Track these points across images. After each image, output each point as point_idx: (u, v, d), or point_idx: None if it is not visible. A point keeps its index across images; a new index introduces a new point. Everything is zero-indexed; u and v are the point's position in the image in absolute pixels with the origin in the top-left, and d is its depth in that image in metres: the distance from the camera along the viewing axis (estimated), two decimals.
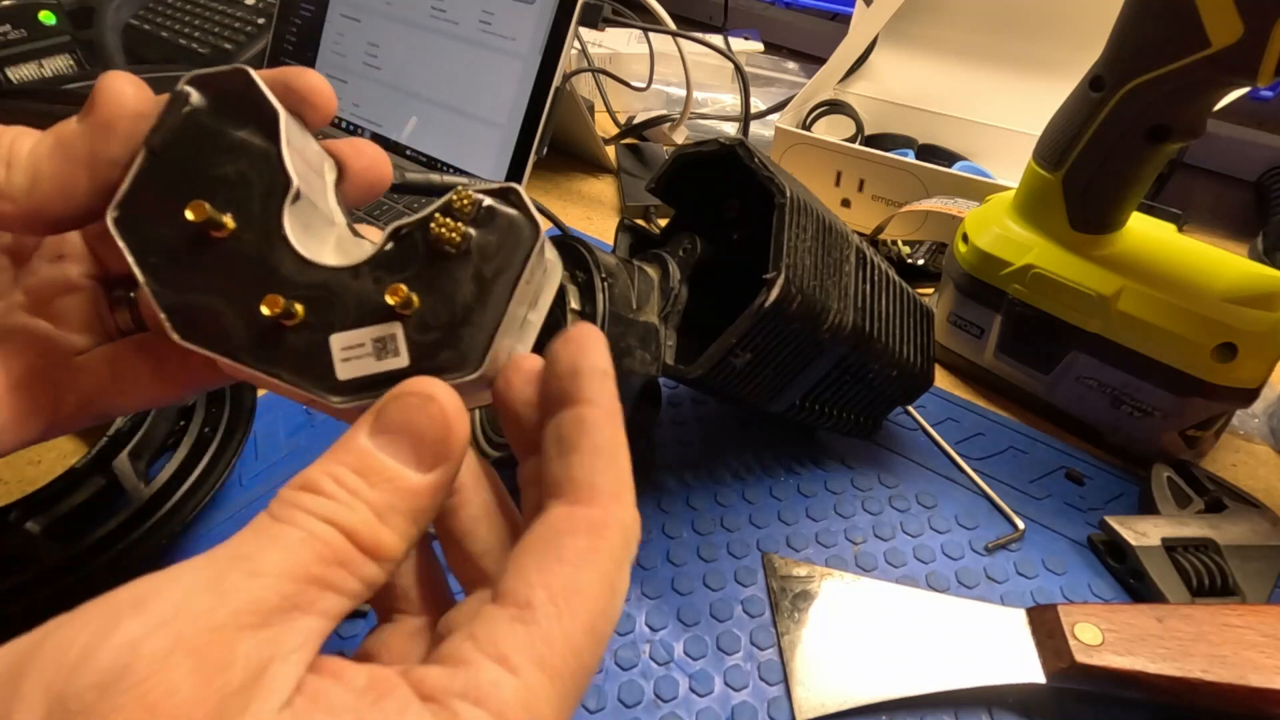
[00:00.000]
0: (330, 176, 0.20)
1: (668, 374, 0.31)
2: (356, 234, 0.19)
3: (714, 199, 0.37)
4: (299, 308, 0.17)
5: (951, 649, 0.30)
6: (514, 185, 0.18)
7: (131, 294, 0.22)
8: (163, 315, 0.17)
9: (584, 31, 0.64)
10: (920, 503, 0.38)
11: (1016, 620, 0.30)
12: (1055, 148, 0.38)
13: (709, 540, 0.35)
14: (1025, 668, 0.29)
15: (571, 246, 0.32)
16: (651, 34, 0.68)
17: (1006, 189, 0.47)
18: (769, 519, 0.37)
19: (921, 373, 0.37)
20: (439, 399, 0.16)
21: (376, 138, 0.64)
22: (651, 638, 0.31)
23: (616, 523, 0.16)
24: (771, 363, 0.32)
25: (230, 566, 0.14)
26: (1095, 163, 0.37)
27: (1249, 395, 0.37)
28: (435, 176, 0.28)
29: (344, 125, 0.66)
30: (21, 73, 0.69)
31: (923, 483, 0.39)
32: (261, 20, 0.75)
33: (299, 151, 0.18)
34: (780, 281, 0.29)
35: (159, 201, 0.17)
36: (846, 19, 0.73)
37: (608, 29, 0.59)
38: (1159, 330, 0.36)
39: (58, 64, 0.72)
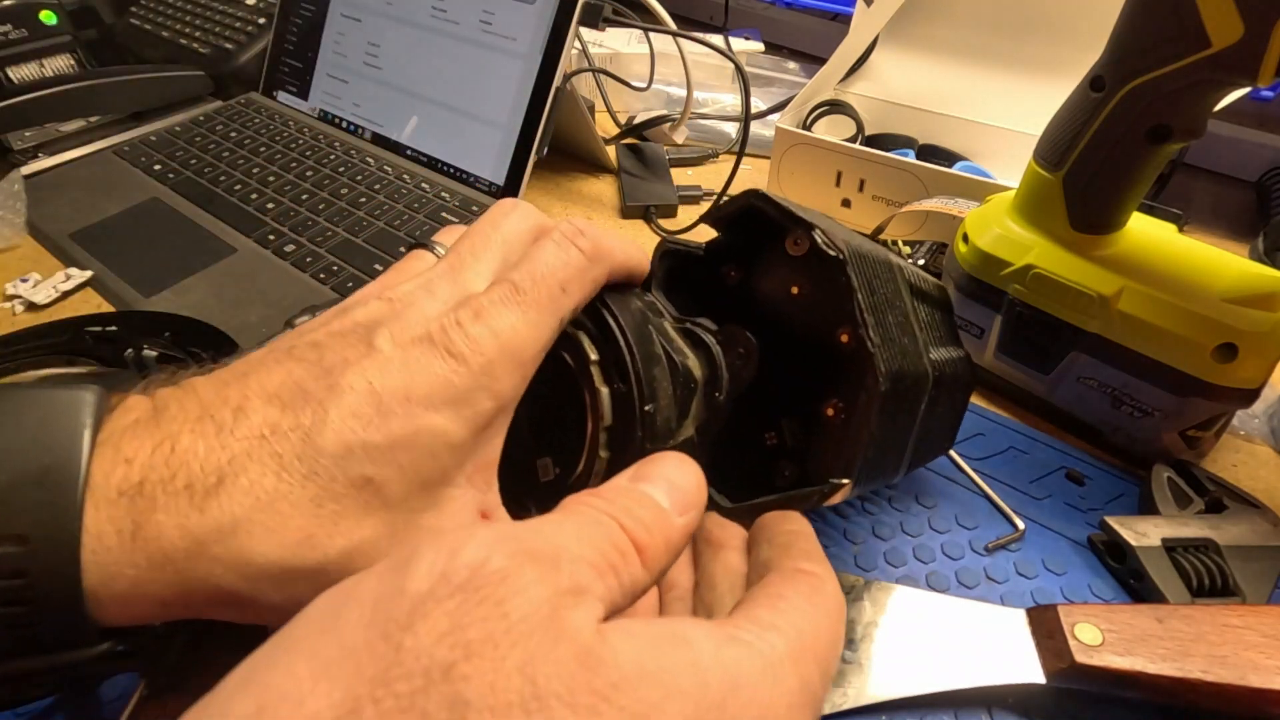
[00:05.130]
0: None
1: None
2: None
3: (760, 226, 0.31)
4: None
5: (951, 649, 0.30)
6: None
7: None
8: None
9: (584, 31, 0.64)
10: (920, 503, 0.38)
11: (1016, 620, 0.30)
12: (1055, 148, 0.38)
13: None
14: (1025, 668, 0.29)
15: (616, 348, 0.25)
16: (652, 34, 0.68)
17: (1007, 189, 0.47)
18: None
19: (966, 369, 0.34)
20: (692, 460, 0.21)
21: (377, 138, 0.64)
22: None
23: (833, 582, 0.21)
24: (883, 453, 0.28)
25: (527, 528, 0.17)
26: (1095, 163, 0.37)
27: (1249, 395, 0.37)
28: None
29: (344, 125, 0.66)
30: (22, 73, 0.69)
31: (923, 483, 0.39)
32: (262, 20, 0.75)
33: None
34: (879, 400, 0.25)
35: None
36: (847, 19, 0.73)
37: (608, 29, 0.59)
38: (1159, 330, 0.36)
39: (59, 64, 0.72)
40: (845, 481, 0.26)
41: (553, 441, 0.26)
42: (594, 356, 0.24)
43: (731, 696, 0.15)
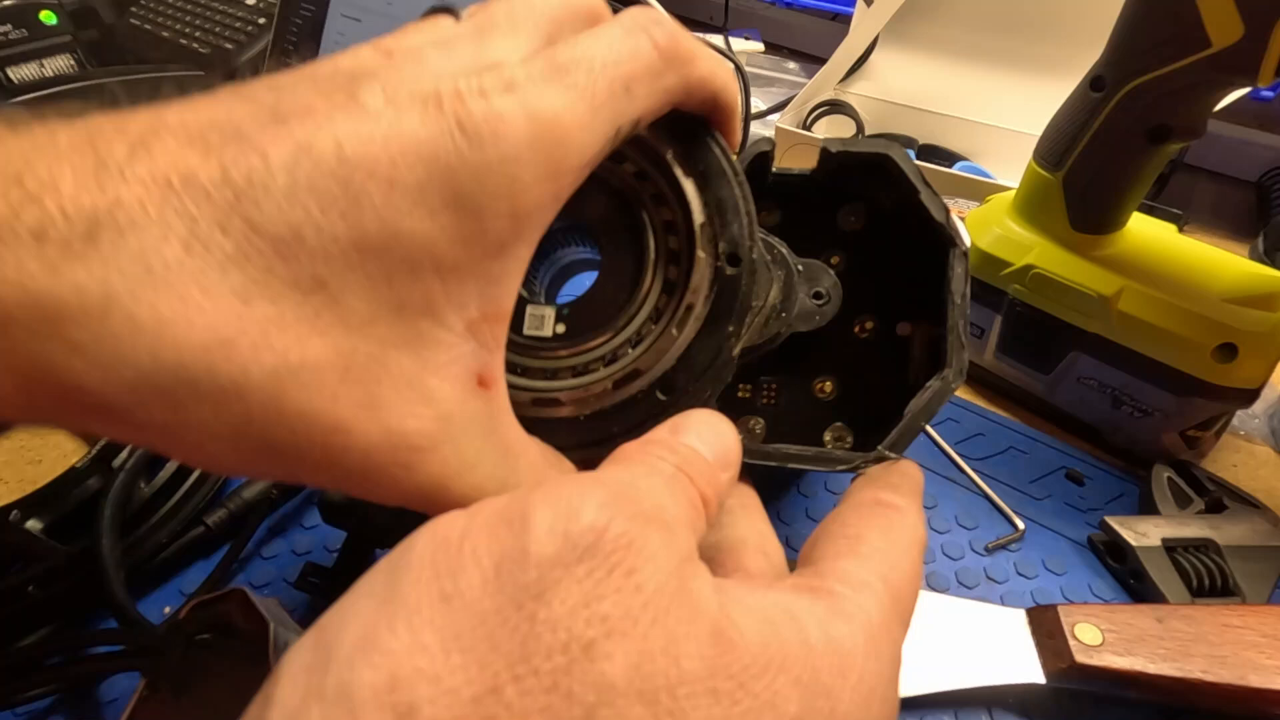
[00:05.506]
0: None
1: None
2: None
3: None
4: None
5: (951, 649, 0.30)
6: None
7: None
8: None
9: None
10: None
11: (1016, 620, 0.30)
12: (1055, 148, 0.38)
13: None
14: (1025, 668, 0.29)
15: (733, 215, 0.20)
16: None
17: (1007, 189, 0.47)
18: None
19: None
20: (725, 418, 0.19)
21: None
22: None
23: (914, 515, 0.20)
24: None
25: (625, 483, 0.15)
26: (1096, 163, 0.37)
27: (1249, 395, 0.37)
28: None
29: None
30: (22, 73, 0.69)
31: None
32: (262, 20, 0.75)
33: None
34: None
35: None
36: (847, 19, 0.73)
37: None
38: (1159, 330, 0.36)
39: (59, 64, 0.72)
40: (892, 455, 0.24)
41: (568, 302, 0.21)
42: (700, 219, 0.20)
43: (839, 682, 0.15)
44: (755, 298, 0.20)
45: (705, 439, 0.17)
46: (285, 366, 0.13)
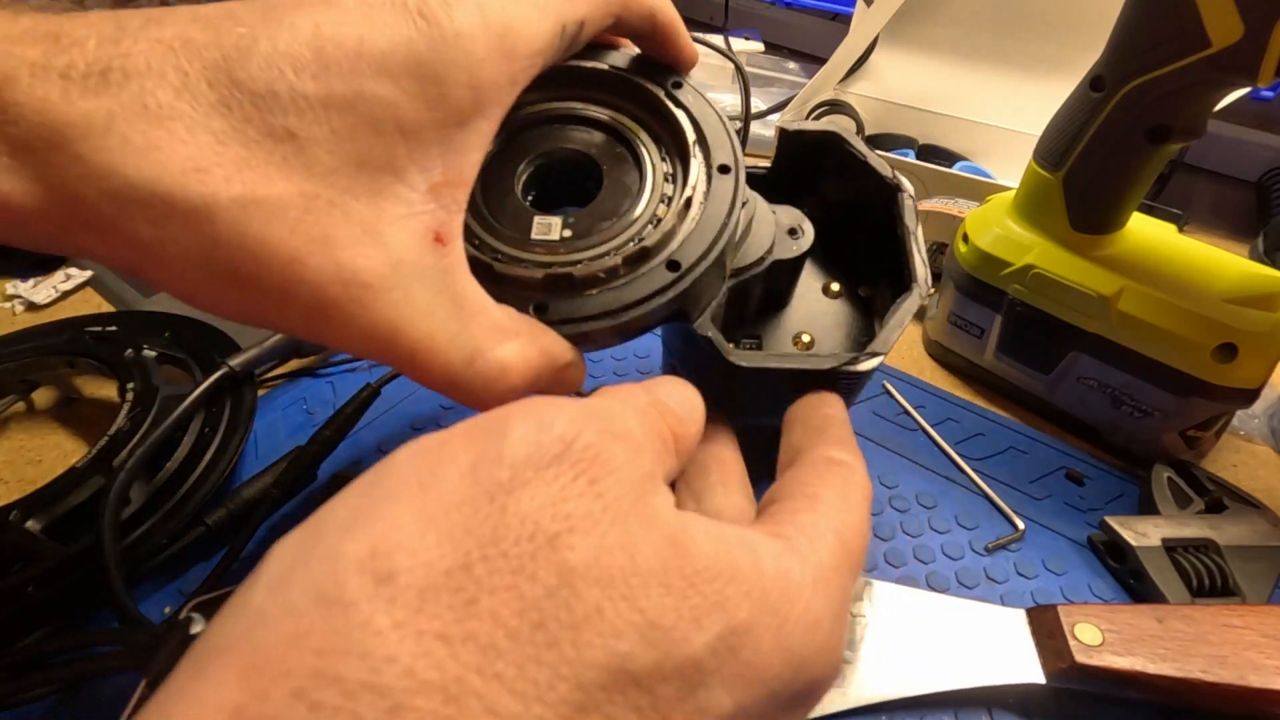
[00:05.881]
0: None
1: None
2: None
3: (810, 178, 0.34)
4: None
5: (951, 649, 0.30)
6: None
7: None
8: None
9: None
10: (920, 503, 0.38)
11: (1016, 620, 0.30)
12: (1055, 148, 0.38)
13: None
14: (1025, 668, 0.29)
15: (716, 131, 0.25)
16: None
17: (1007, 189, 0.47)
18: None
19: None
20: (689, 383, 0.20)
21: None
22: None
23: (861, 470, 0.21)
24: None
25: (597, 407, 0.16)
26: (1095, 163, 0.37)
27: (1249, 395, 0.37)
28: None
29: None
30: None
31: (923, 483, 0.39)
32: None
33: None
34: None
35: None
36: (847, 19, 0.73)
37: None
38: (1159, 331, 0.36)
39: None
40: (881, 351, 0.26)
41: (572, 208, 0.24)
42: (692, 137, 0.24)
43: (787, 606, 0.16)
44: (742, 198, 0.24)
45: (673, 396, 0.19)
46: (251, 196, 0.16)
